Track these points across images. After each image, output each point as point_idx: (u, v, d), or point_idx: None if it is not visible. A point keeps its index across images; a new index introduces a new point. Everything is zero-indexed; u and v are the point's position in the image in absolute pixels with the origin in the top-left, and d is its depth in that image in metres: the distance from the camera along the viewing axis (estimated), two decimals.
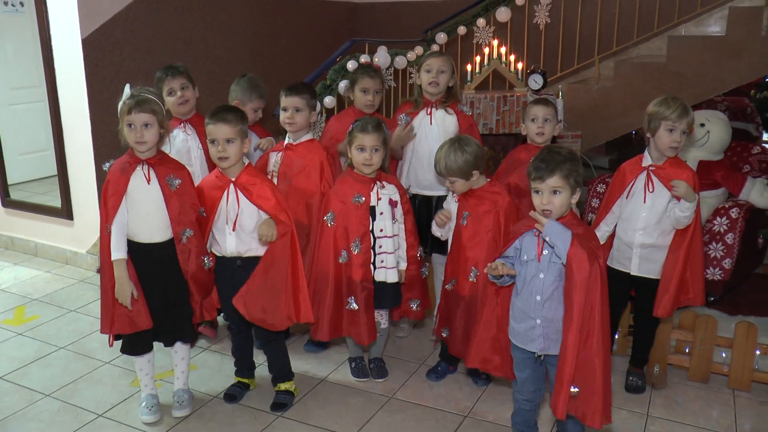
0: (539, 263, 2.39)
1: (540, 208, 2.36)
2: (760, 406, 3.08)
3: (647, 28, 5.52)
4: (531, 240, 2.43)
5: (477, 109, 4.76)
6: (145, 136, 2.62)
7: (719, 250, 3.98)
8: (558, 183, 2.33)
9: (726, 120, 4.50)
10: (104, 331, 2.78)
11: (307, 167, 3.24)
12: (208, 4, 5.23)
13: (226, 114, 2.75)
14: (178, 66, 3.41)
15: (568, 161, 2.34)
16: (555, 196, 2.34)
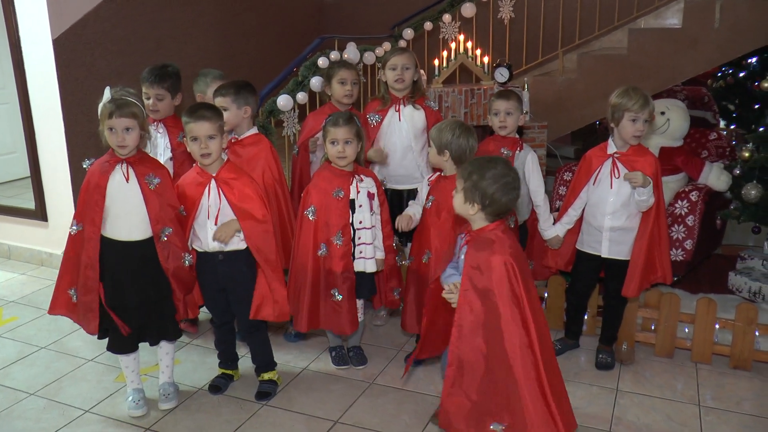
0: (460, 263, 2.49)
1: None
2: (720, 376, 3.25)
3: (608, 22, 5.70)
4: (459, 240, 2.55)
5: (445, 102, 4.86)
6: (126, 139, 2.67)
7: (681, 231, 4.16)
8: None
9: (685, 108, 4.68)
10: (50, 312, 2.88)
11: (254, 161, 3.26)
12: (179, 3, 5.25)
13: (204, 111, 2.80)
14: (166, 72, 3.42)
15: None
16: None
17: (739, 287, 4.02)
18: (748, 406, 3.00)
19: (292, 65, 4.46)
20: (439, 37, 5.39)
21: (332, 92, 3.67)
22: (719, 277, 4.22)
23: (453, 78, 5.17)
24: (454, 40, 5.10)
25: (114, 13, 4.63)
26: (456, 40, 5.08)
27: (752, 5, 4.96)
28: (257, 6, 6.18)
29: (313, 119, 3.72)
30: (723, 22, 5.06)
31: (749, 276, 4.00)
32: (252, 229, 2.85)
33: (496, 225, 2.40)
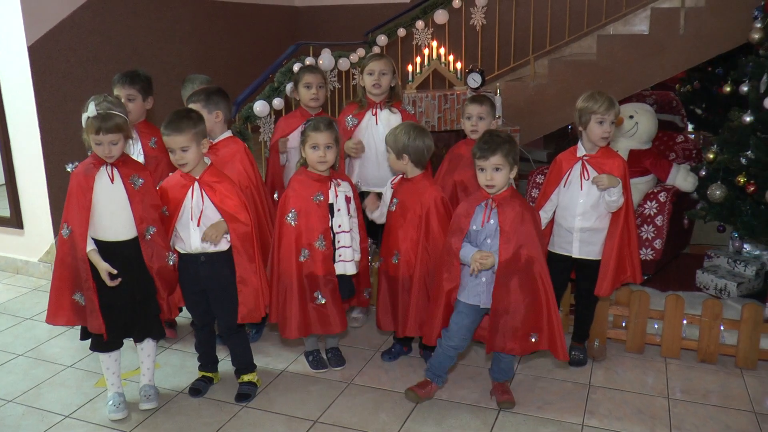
0: (484, 229, 2.86)
1: (484, 183, 2.84)
2: (688, 370, 3.36)
3: (578, 28, 5.83)
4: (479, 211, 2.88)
5: (419, 107, 4.94)
6: (112, 151, 2.73)
7: (650, 231, 4.27)
8: (499, 161, 2.78)
9: (652, 111, 4.81)
10: (49, 321, 2.89)
11: (229, 163, 3.30)
12: (154, 10, 5.28)
13: (178, 123, 2.83)
14: (137, 75, 3.47)
15: (506, 142, 2.83)
16: (497, 173, 2.79)
17: (706, 285, 4.15)
18: (714, 398, 3.10)
19: (268, 71, 4.51)
20: (412, 44, 5.47)
21: (299, 96, 3.75)
22: (688, 276, 4.34)
23: (426, 83, 5.25)
24: (428, 47, 5.18)
25: (90, 20, 4.64)
26: (429, 46, 5.16)
27: (715, 13, 5.11)
28: (232, 13, 6.22)
29: (285, 122, 3.81)
30: (688, 29, 5.20)
31: (715, 274, 4.13)
32: (236, 231, 2.91)
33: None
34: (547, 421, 2.92)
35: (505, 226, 2.81)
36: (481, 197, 2.89)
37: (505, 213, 2.82)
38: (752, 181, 3.83)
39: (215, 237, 2.88)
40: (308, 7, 7.19)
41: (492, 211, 2.84)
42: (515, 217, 2.81)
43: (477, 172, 2.86)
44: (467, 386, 3.19)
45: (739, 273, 4.14)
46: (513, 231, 2.80)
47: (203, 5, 5.84)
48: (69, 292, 2.84)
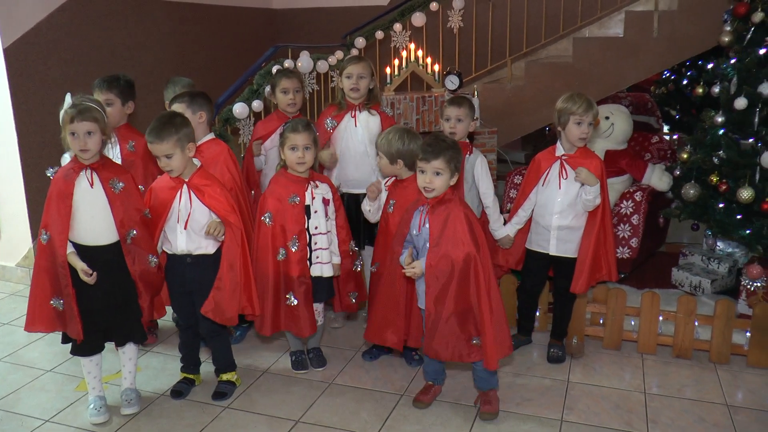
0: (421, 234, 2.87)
1: (422, 186, 2.82)
2: (664, 366, 3.42)
3: (554, 31, 5.90)
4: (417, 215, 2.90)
5: (398, 109, 4.97)
6: (88, 144, 2.70)
7: (626, 230, 4.34)
8: (440, 166, 2.76)
9: (628, 112, 4.89)
10: (28, 329, 2.87)
11: (213, 165, 3.30)
12: (132, 12, 5.25)
13: (159, 131, 2.82)
14: (116, 79, 3.47)
15: (451, 148, 2.80)
16: (437, 177, 2.77)
17: (681, 282, 4.22)
18: (689, 392, 3.17)
19: (247, 74, 4.51)
20: (390, 46, 5.50)
21: (277, 101, 3.77)
22: (663, 273, 4.42)
23: (404, 85, 5.28)
24: (405, 49, 5.21)
25: (67, 22, 4.61)
26: (407, 48, 5.19)
27: (687, 17, 5.21)
28: (211, 15, 6.21)
29: (262, 125, 3.84)
30: (661, 32, 5.30)
31: (690, 271, 4.20)
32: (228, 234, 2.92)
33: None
34: (526, 417, 2.97)
35: (433, 231, 2.80)
36: (420, 201, 2.91)
37: (435, 217, 2.82)
38: (724, 180, 3.92)
39: (219, 232, 2.87)
40: (286, 10, 7.20)
41: (425, 216, 2.84)
42: (444, 220, 2.79)
43: (417, 173, 2.83)
44: (447, 383, 3.21)
45: (712, 270, 4.22)
46: (440, 235, 2.79)
47: (181, 8, 5.83)
48: (48, 299, 2.83)
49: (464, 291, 2.80)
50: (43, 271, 2.81)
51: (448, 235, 2.78)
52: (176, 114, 3.00)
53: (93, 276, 2.74)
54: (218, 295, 2.94)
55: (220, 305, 2.94)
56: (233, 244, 2.93)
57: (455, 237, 2.77)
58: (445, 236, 2.78)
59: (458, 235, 2.77)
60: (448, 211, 2.81)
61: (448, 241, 2.78)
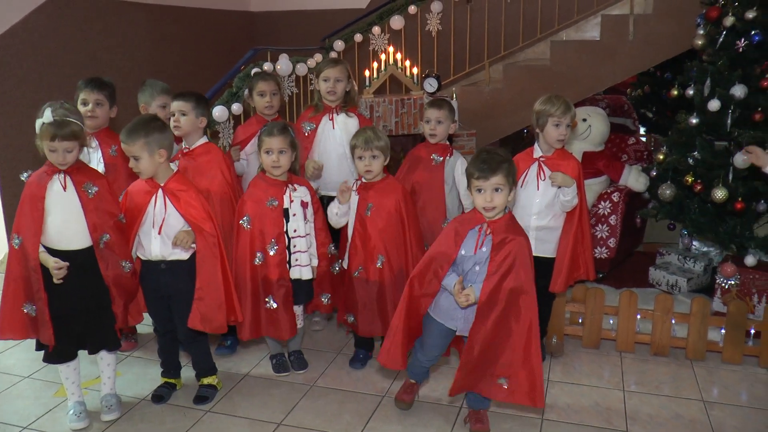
0: (476, 256, 2.68)
1: (482, 206, 2.63)
2: (642, 363, 3.47)
3: (531, 34, 5.95)
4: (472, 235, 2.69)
5: (377, 112, 4.99)
6: (67, 158, 2.70)
7: (604, 231, 4.39)
8: (500, 181, 2.60)
9: (605, 114, 4.95)
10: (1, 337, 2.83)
11: (208, 170, 3.33)
12: (110, 15, 5.22)
13: (130, 133, 2.82)
14: (105, 81, 3.46)
15: (506, 161, 2.64)
16: (497, 193, 2.61)
17: (659, 281, 4.28)
18: (667, 389, 3.22)
19: (226, 77, 4.51)
20: (369, 49, 5.51)
21: (254, 104, 3.78)
22: (641, 272, 4.47)
23: (383, 88, 5.30)
24: (384, 52, 5.23)
25: (44, 24, 4.58)
26: (386, 51, 5.21)
27: (661, 20, 5.29)
28: (189, 17, 6.19)
29: (242, 130, 3.84)
30: (637, 34, 5.37)
31: (667, 270, 4.26)
32: (203, 240, 2.90)
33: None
34: (507, 416, 2.99)
35: (496, 257, 2.62)
36: (475, 220, 2.71)
37: (497, 242, 2.63)
38: (699, 181, 3.98)
39: (186, 242, 2.87)
40: (265, 12, 7.19)
41: (486, 238, 2.66)
42: (507, 248, 2.61)
43: (474, 193, 2.65)
44: (429, 384, 3.24)
45: (689, 269, 4.28)
46: (504, 260, 2.61)
47: (159, 11, 5.81)
48: (20, 305, 2.79)
49: (506, 325, 2.65)
50: (15, 277, 2.78)
51: (508, 264, 2.61)
52: (154, 118, 2.99)
53: (63, 269, 2.69)
54: (202, 305, 2.93)
55: (206, 315, 2.94)
56: (208, 252, 2.91)
57: (515, 268, 2.61)
58: (506, 265, 2.61)
59: (517, 267, 2.61)
60: (511, 238, 2.63)
61: (510, 271, 2.61)
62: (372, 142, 3.14)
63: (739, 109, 3.90)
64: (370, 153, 3.16)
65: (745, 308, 3.40)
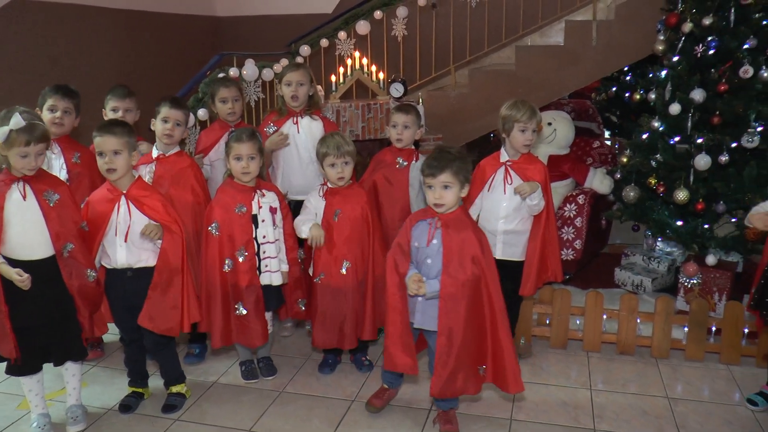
0: (428, 249, 2.74)
1: (432, 202, 2.70)
2: (609, 362, 3.52)
3: (496, 39, 6.00)
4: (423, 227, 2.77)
5: (343, 117, 5.00)
6: (38, 162, 2.66)
7: (570, 233, 4.45)
8: (448, 179, 2.66)
9: (570, 119, 5.03)
10: None
11: (182, 177, 3.33)
12: (73, 19, 5.15)
13: (112, 127, 2.82)
14: (73, 90, 3.44)
15: (457, 159, 2.70)
16: (446, 191, 2.68)
17: (624, 281, 4.35)
18: (633, 387, 3.27)
19: (191, 82, 4.48)
20: (335, 54, 5.53)
21: (216, 110, 3.77)
22: (607, 273, 4.54)
23: (350, 93, 5.31)
24: (350, 57, 5.25)
25: (4, 29, 4.50)
26: (352, 56, 5.23)
27: (623, 26, 5.39)
28: (154, 22, 6.14)
29: (205, 136, 3.82)
30: (599, 40, 5.46)
31: (632, 270, 4.34)
32: (169, 242, 2.88)
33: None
34: (476, 417, 3.01)
35: (448, 249, 2.70)
36: (428, 214, 2.80)
37: (450, 235, 2.71)
38: (662, 183, 4.05)
39: (155, 234, 2.83)
40: (231, 18, 7.16)
41: (436, 231, 2.74)
42: (458, 240, 2.70)
43: (426, 189, 2.74)
44: None
45: (653, 269, 4.36)
46: (456, 254, 2.70)
47: (124, 15, 5.75)
48: None
49: (476, 315, 2.72)
50: None
51: (461, 255, 2.69)
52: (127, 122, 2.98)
53: (27, 279, 2.63)
54: (151, 304, 2.89)
55: (156, 315, 2.89)
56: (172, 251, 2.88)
57: (468, 258, 2.69)
58: (458, 256, 2.69)
59: (470, 257, 2.69)
60: (460, 229, 2.72)
61: (461, 261, 2.69)
62: (343, 147, 3.15)
63: (699, 112, 3.99)
64: (342, 159, 3.16)
65: (706, 306, 3.47)
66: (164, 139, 3.34)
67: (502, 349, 2.74)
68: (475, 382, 2.78)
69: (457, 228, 2.72)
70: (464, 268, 2.68)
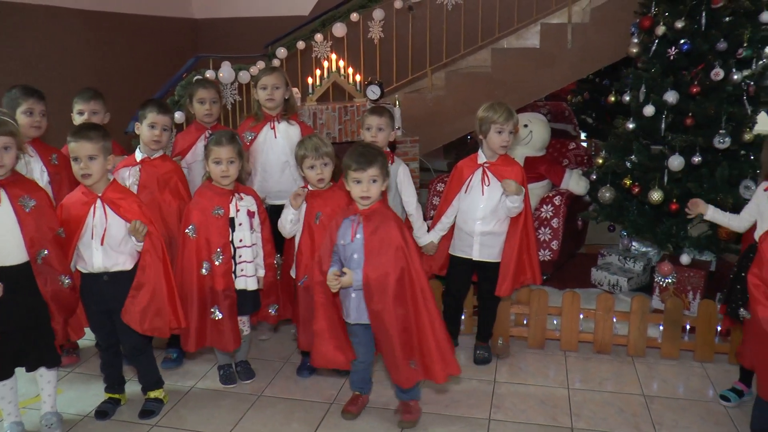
0: (353, 244, 2.81)
1: (359, 195, 2.79)
2: (586, 361, 3.56)
3: (473, 42, 6.04)
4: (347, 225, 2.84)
5: (320, 119, 5.00)
6: (4, 158, 2.60)
7: (547, 233, 4.49)
8: (376, 173, 2.77)
9: (545, 120, 5.07)
10: None
11: (168, 181, 3.34)
12: (45, 20, 5.09)
13: (88, 131, 2.78)
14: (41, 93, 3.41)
15: (381, 155, 2.83)
16: (373, 184, 2.78)
17: (600, 281, 4.39)
18: (609, 385, 3.31)
19: (168, 85, 4.45)
20: (312, 56, 5.52)
21: (194, 111, 3.75)
22: (583, 273, 4.58)
23: (327, 96, 5.31)
24: (327, 59, 5.25)
25: None
26: (328, 58, 5.23)
27: (598, 29, 5.46)
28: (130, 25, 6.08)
29: (182, 138, 3.79)
30: (575, 43, 5.52)
31: (608, 270, 4.38)
32: (149, 243, 2.86)
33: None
34: (455, 418, 3.02)
35: (369, 242, 2.77)
36: (350, 211, 2.87)
37: (369, 227, 2.79)
38: (636, 183, 4.10)
39: (142, 232, 2.80)
40: (207, 20, 7.12)
41: (359, 226, 2.81)
42: (379, 231, 2.77)
43: (351, 184, 2.80)
44: (375, 389, 3.23)
45: (629, 269, 4.40)
46: (378, 246, 2.76)
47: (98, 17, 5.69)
48: None
49: (402, 307, 2.77)
50: None
51: (383, 246, 2.76)
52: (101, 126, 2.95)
53: None
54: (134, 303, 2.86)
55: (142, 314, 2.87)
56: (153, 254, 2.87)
57: (390, 248, 2.75)
58: (380, 248, 2.76)
59: (393, 247, 2.75)
60: (381, 221, 2.80)
61: (384, 253, 2.75)
62: (321, 149, 3.14)
63: (672, 114, 4.04)
64: (321, 161, 3.15)
65: (681, 305, 3.52)
66: (152, 144, 3.33)
67: (427, 336, 2.79)
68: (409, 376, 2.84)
69: (378, 220, 2.80)
70: (388, 259, 2.75)
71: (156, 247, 2.88)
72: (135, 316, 2.87)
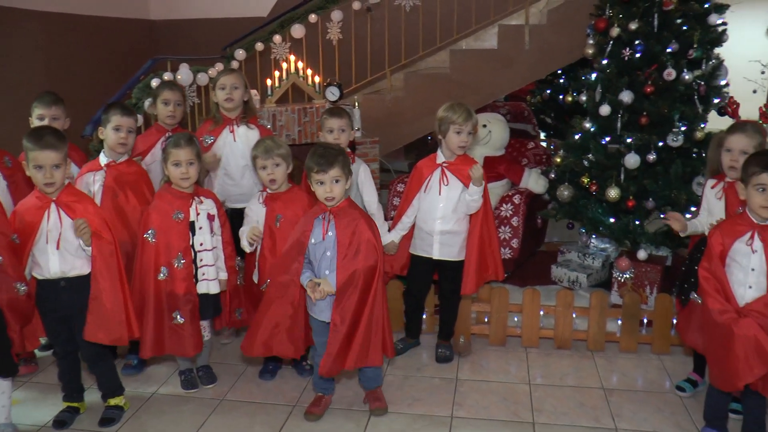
0: (324, 242, 2.84)
1: (324, 196, 2.81)
2: (547, 357, 3.61)
3: (431, 43, 6.08)
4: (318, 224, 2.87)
5: (279, 121, 4.98)
6: None
7: (507, 232, 4.54)
8: (337, 173, 2.79)
9: (504, 121, 5.13)
10: None
11: (134, 184, 3.30)
12: None
13: (50, 139, 2.71)
14: None
15: (341, 155, 2.84)
16: (336, 184, 2.80)
17: (560, 278, 4.45)
18: (570, 379, 3.36)
19: (125, 87, 4.39)
20: (270, 58, 5.50)
21: (157, 112, 3.72)
22: (544, 270, 4.64)
23: (286, 97, 5.29)
24: (286, 61, 5.23)
25: None
26: (287, 60, 5.21)
27: (555, 30, 5.54)
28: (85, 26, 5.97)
29: (142, 140, 3.73)
30: (532, 44, 5.60)
31: (568, 267, 4.44)
32: (100, 248, 2.80)
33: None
34: (418, 416, 3.04)
35: (342, 241, 2.82)
36: (320, 210, 2.89)
37: (342, 225, 2.84)
38: (594, 182, 4.18)
39: (82, 229, 2.73)
40: (165, 21, 7.04)
41: (330, 223, 2.85)
42: (352, 230, 2.82)
43: (315, 186, 2.83)
44: (338, 390, 3.24)
45: (588, 265, 4.48)
46: (350, 242, 2.82)
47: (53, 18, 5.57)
48: None
49: (364, 300, 2.83)
50: None
51: (354, 241, 2.81)
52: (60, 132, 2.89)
53: None
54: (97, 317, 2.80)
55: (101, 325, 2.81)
56: (104, 260, 2.80)
57: (361, 243, 2.81)
58: (350, 243, 2.81)
59: (367, 245, 2.81)
60: (351, 217, 2.85)
61: (358, 251, 2.80)
62: (272, 150, 3.13)
63: (628, 113, 4.13)
64: (272, 161, 3.14)
65: (638, 299, 3.59)
66: (118, 148, 3.27)
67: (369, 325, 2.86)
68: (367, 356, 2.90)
69: (348, 217, 2.85)
70: (360, 254, 2.80)
71: (103, 253, 2.81)
72: (94, 330, 2.81)
